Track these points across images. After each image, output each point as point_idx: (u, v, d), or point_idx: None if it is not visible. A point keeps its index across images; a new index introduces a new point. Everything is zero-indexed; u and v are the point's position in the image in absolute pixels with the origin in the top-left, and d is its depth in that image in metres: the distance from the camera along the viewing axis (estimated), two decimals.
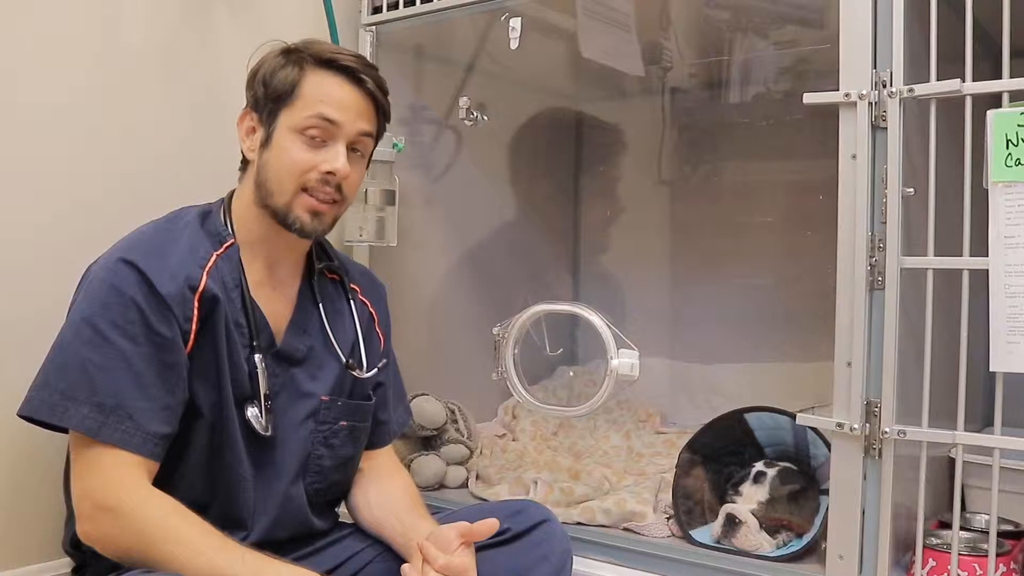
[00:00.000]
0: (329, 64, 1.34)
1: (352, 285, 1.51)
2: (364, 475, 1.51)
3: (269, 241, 1.38)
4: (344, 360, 1.43)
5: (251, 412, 1.31)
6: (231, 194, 1.42)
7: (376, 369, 1.48)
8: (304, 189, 1.33)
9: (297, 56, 1.35)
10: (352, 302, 1.50)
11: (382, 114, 1.41)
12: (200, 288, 1.27)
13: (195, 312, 1.26)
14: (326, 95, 1.33)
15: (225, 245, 1.34)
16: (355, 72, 1.35)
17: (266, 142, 1.35)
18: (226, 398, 1.29)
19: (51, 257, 1.53)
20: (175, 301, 1.24)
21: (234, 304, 1.32)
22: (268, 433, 1.32)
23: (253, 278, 1.36)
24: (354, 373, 1.44)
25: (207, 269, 1.29)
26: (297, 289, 1.44)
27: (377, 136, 1.43)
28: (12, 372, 1.37)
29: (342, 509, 1.53)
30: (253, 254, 1.37)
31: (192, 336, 1.26)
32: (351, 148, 1.36)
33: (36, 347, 1.26)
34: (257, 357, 1.32)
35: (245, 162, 1.41)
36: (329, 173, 1.32)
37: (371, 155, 1.45)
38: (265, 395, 1.32)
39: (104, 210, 1.59)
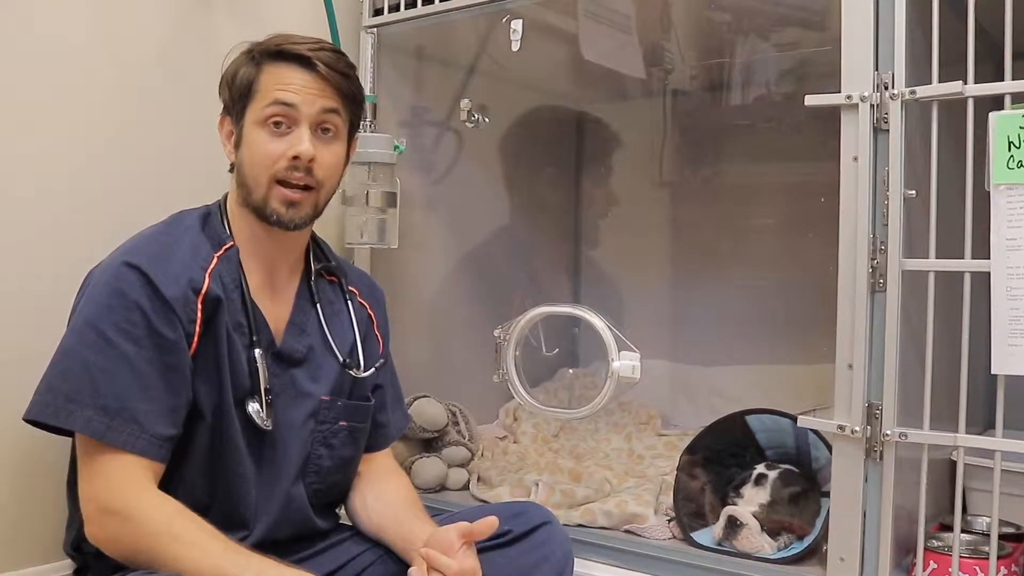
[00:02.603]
0: (279, 55, 1.35)
1: (351, 288, 1.52)
2: (362, 478, 1.51)
3: (262, 241, 1.38)
4: (342, 360, 1.43)
5: (252, 407, 1.32)
6: (227, 195, 1.42)
7: (373, 368, 1.48)
8: (277, 181, 1.33)
9: (252, 52, 1.37)
10: (350, 303, 1.50)
11: (344, 93, 1.38)
12: (203, 290, 1.28)
13: (198, 314, 1.27)
14: (280, 82, 1.34)
15: (225, 247, 1.34)
16: (305, 58, 1.35)
17: (239, 142, 1.36)
18: (227, 398, 1.30)
19: (52, 259, 1.53)
20: (179, 303, 1.25)
21: (234, 305, 1.32)
22: (268, 427, 1.32)
23: (253, 279, 1.37)
24: (351, 373, 1.44)
25: (209, 271, 1.30)
26: (295, 290, 1.44)
27: (351, 115, 1.41)
28: (14, 376, 1.38)
29: (342, 510, 1.53)
30: (251, 255, 1.38)
31: (196, 338, 1.27)
32: (320, 129, 1.35)
33: (38, 351, 1.26)
34: (257, 352, 1.33)
35: (231, 166, 1.41)
36: (295, 158, 1.32)
37: (350, 137, 1.43)
38: (266, 389, 1.32)
39: (105, 212, 1.59)
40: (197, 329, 1.27)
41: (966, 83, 1.29)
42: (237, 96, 1.36)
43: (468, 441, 2.00)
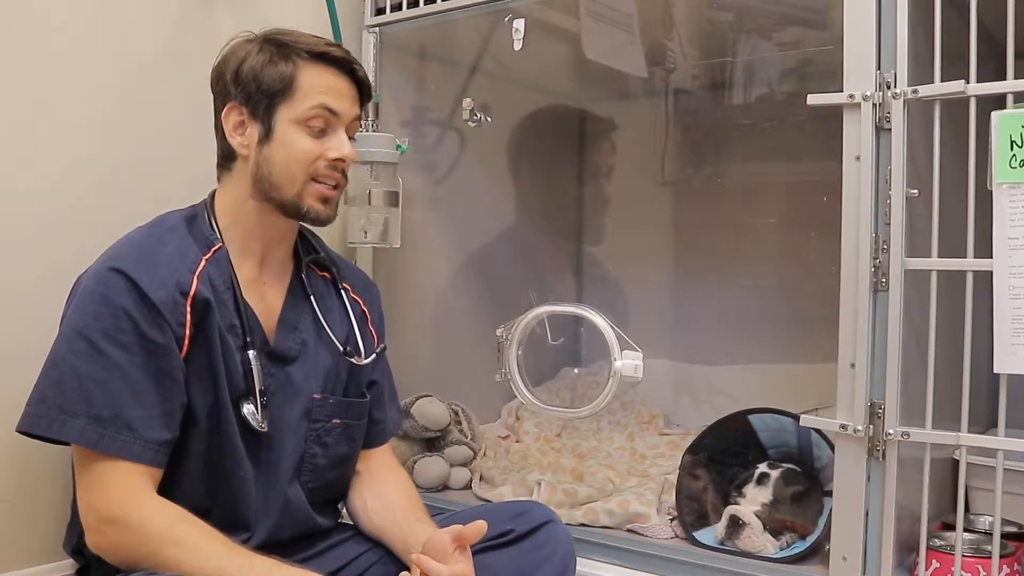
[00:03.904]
0: (322, 57, 1.37)
1: (344, 284, 1.52)
2: (361, 477, 1.50)
3: (262, 233, 1.39)
4: (341, 348, 1.44)
5: (247, 409, 1.31)
6: (212, 195, 1.42)
7: (375, 355, 1.49)
8: (313, 178, 1.36)
9: (286, 50, 1.36)
10: (344, 298, 1.50)
11: (366, 100, 1.45)
12: (191, 293, 1.27)
13: (188, 317, 1.26)
14: (325, 87, 1.36)
15: (213, 248, 1.34)
16: (347, 63, 1.39)
17: (266, 137, 1.35)
18: (223, 400, 1.29)
19: (50, 263, 1.52)
20: (167, 307, 1.24)
21: (226, 306, 1.32)
22: (264, 429, 1.32)
23: (244, 277, 1.36)
24: (352, 360, 1.44)
25: (197, 274, 1.29)
26: (287, 286, 1.44)
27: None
28: (14, 375, 1.38)
29: (343, 507, 1.53)
30: (243, 252, 1.38)
31: (187, 341, 1.26)
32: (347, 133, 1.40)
33: (38, 353, 1.26)
34: (251, 354, 1.32)
35: (226, 159, 1.40)
36: (338, 160, 1.36)
37: None
38: (260, 391, 1.32)
39: (106, 214, 1.58)
40: (187, 332, 1.26)
41: (968, 82, 1.29)
42: (268, 91, 1.35)
43: (470, 440, 2.00)
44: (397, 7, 1.95)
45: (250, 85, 1.36)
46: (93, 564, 1.32)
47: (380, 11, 1.99)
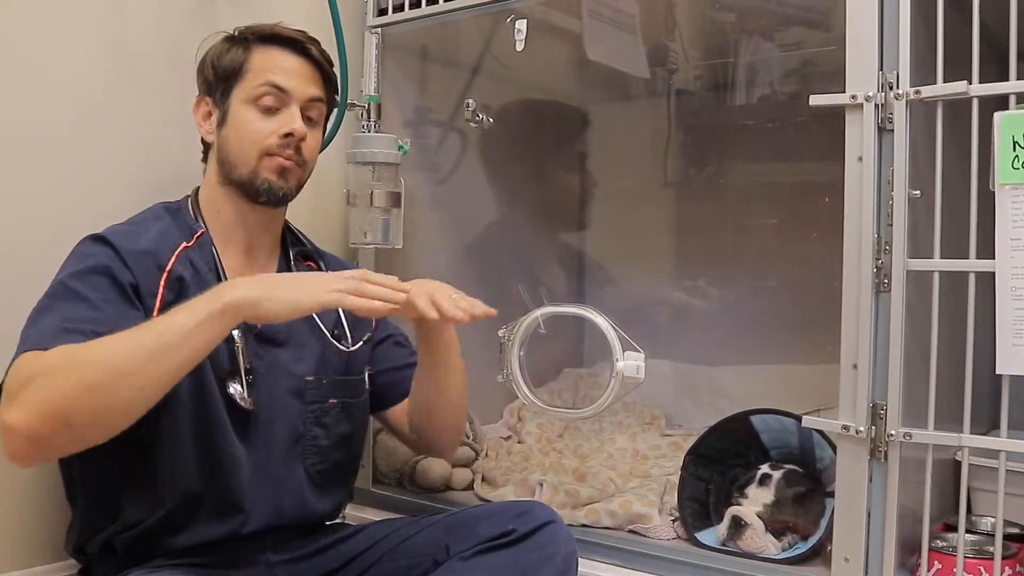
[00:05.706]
0: (272, 39, 1.42)
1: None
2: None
3: (241, 221, 1.42)
4: (328, 333, 1.45)
5: (233, 388, 1.33)
6: (196, 189, 1.46)
7: (361, 343, 1.51)
8: (267, 154, 1.38)
9: (241, 37, 1.43)
10: None
11: (329, 82, 1.47)
12: (168, 268, 1.30)
13: (160, 290, 1.29)
14: (273, 65, 1.40)
15: (196, 235, 1.38)
16: (299, 43, 1.42)
17: (223, 120, 1.41)
18: (207, 378, 1.30)
19: (52, 259, 1.52)
20: (140, 272, 1.27)
21: (208, 287, 1.32)
22: (250, 407, 1.33)
23: (230, 265, 1.39)
24: (339, 346, 1.45)
25: (176, 253, 1.33)
26: (275, 272, 1.47)
27: (329, 105, 1.49)
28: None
29: (348, 510, 1.53)
30: (227, 241, 1.41)
31: (155, 314, 1.27)
32: (304, 115, 1.41)
33: None
34: (235, 333, 1.33)
35: (204, 151, 1.46)
36: (288, 135, 1.38)
37: (326, 125, 1.52)
38: (246, 369, 1.34)
39: (108, 211, 1.57)
40: (157, 304, 1.28)
41: (971, 83, 1.29)
42: (223, 76, 1.41)
43: (472, 441, 2.00)
44: (399, 8, 1.95)
45: (210, 74, 1.43)
46: (95, 562, 1.32)
47: (382, 12, 1.98)
